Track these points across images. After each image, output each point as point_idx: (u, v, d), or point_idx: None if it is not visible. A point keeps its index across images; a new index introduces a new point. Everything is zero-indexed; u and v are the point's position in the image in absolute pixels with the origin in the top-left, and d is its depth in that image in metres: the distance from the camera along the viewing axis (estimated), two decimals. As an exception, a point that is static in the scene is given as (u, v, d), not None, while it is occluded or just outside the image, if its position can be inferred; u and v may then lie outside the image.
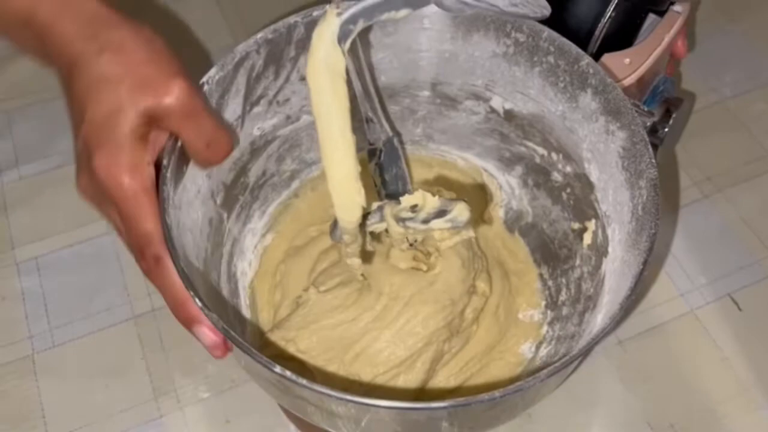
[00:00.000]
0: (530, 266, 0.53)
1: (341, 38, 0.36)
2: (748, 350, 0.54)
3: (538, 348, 0.50)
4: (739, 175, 0.63)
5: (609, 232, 0.44)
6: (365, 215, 0.40)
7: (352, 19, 0.36)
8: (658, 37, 0.50)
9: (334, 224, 0.41)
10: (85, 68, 0.37)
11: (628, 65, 0.48)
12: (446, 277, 0.46)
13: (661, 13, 0.52)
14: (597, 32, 0.49)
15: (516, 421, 0.51)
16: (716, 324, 0.55)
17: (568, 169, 0.47)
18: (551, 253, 0.52)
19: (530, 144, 0.50)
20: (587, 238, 0.47)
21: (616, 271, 0.42)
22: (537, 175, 0.51)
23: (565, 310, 0.49)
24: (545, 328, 0.51)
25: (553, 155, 0.48)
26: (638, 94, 0.49)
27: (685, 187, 0.62)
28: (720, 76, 0.68)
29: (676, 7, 0.51)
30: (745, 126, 0.65)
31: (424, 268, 0.47)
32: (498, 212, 0.55)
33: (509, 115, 0.49)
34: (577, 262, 0.49)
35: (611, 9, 0.48)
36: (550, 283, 0.52)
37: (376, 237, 0.47)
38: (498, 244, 0.55)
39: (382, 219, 0.41)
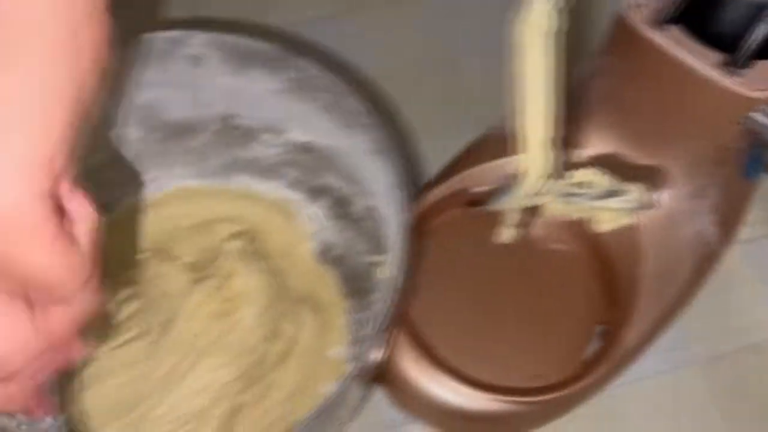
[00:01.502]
0: (339, 300, 0.51)
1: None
2: None
3: None
4: None
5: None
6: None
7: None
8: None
9: (499, 191, 0.40)
10: None
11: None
12: (243, 324, 0.45)
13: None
14: (749, 38, 0.48)
15: None
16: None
17: (363, 202, 0.48)
18: (357, 287, 0.50)
19: (331, 176, 0.49)
20: (382, 271, 0.46)
21: None
22: (341, 207, 0.51)
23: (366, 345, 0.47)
24: (348, 364, 0.48)
25: (353, 187, 0.48)
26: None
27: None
28: None
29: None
30: None
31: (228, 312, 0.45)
32: (307, 244, 0.53)
33: (307, 148, 0.49)
34: (377, 295, 0.47)
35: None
36: (356, 317, 0.50)
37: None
38: (310, 278, 0.52)
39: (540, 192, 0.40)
